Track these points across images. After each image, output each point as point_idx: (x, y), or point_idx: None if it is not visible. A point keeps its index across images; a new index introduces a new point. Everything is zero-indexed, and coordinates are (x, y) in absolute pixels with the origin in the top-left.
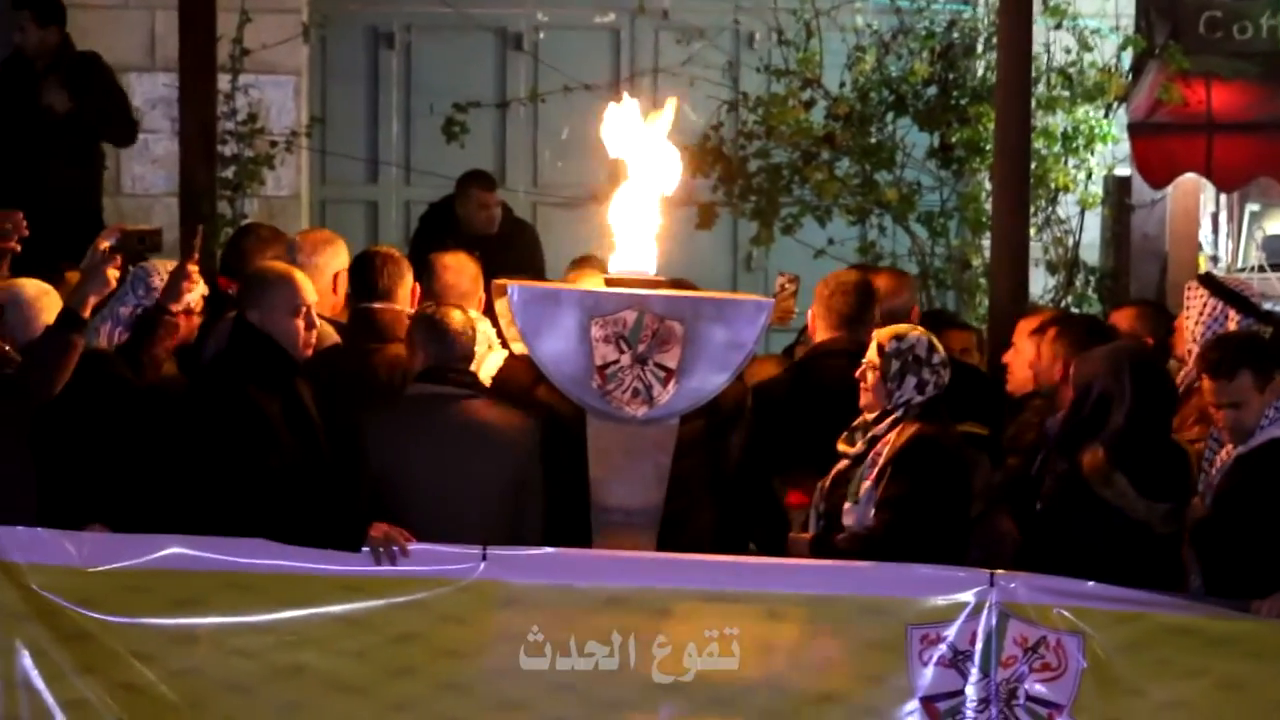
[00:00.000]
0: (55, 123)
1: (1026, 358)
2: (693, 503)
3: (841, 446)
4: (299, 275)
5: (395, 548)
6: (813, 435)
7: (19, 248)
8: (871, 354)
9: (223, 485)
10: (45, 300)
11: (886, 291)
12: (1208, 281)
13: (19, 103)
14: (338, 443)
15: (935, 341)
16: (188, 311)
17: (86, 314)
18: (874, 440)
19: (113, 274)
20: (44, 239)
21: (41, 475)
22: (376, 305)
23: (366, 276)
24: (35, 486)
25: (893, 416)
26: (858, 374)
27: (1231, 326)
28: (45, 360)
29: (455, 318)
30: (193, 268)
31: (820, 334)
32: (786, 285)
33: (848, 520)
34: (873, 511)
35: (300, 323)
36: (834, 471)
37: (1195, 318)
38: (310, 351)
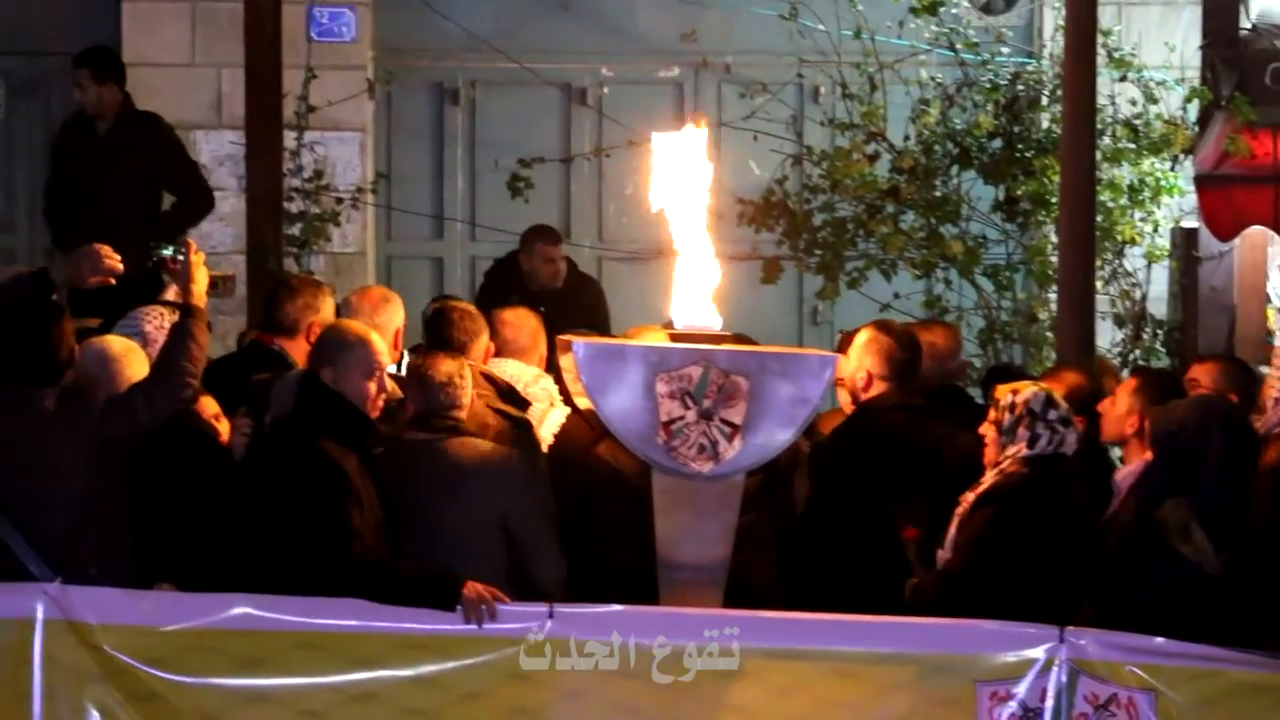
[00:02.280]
0: (118, 179)
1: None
2: (755, 556)
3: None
4: (376, 338)
5: (485, 607)
6: (869, 488)
7: (113, 280)
8: (993, 410)
9: (303, 542)
10: (131, 357)
11: (949, 348)
12: None
13: (81, 160)
14: None
15: (1055, 398)
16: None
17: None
18: None
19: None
20: (108, 298)
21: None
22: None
23: (441, 330)
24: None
25: (1000, 467)
26: (981, 429)
27: None
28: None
29: (441, 368)
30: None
31: (876, 388)
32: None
33: (940, 563)
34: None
35: (373, 385)
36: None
37: (1277, 376)
38: (378, 414)
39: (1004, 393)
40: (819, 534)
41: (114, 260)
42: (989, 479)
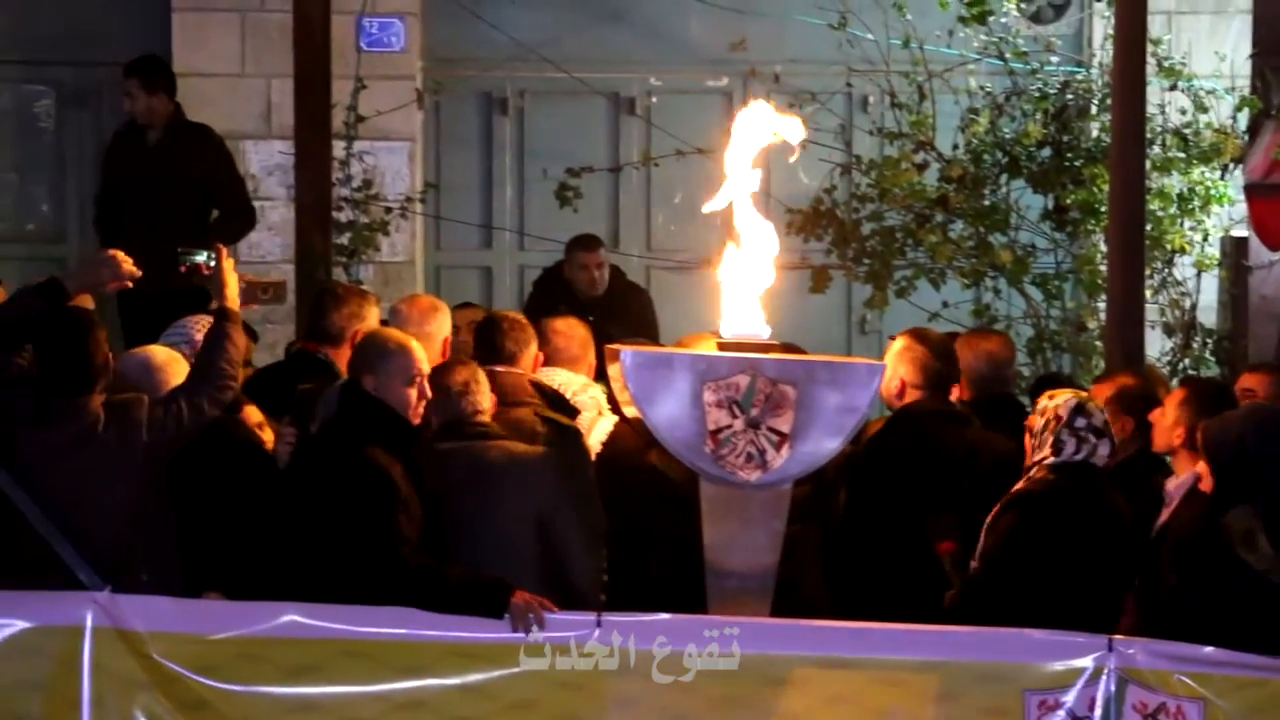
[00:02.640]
0: (168, 190)
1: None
2: (803, 566)
3: None
4: (415, 345)
5: (532, 615)
6: (904, 495)
7: (130, 284)
8: (1032, 416)
9: (352, 549)
10: (174, 367)
11: (1005, 356)
12: None
13: (132, 169)
14: None
15: (1090, 407)
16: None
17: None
18: None
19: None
20: (156, 309)
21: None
22: (499, 369)
23: (492, 339)
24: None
25: (1029, 474)
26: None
27: None
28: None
29: (456, 377)
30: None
31: (909, 395)
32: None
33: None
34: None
35: (414, 392)
36: None
37: None
38: (419, 420)
39: (1043, 400)
40: (856, 541)
41: (130, 265)
42: (1017, 486)
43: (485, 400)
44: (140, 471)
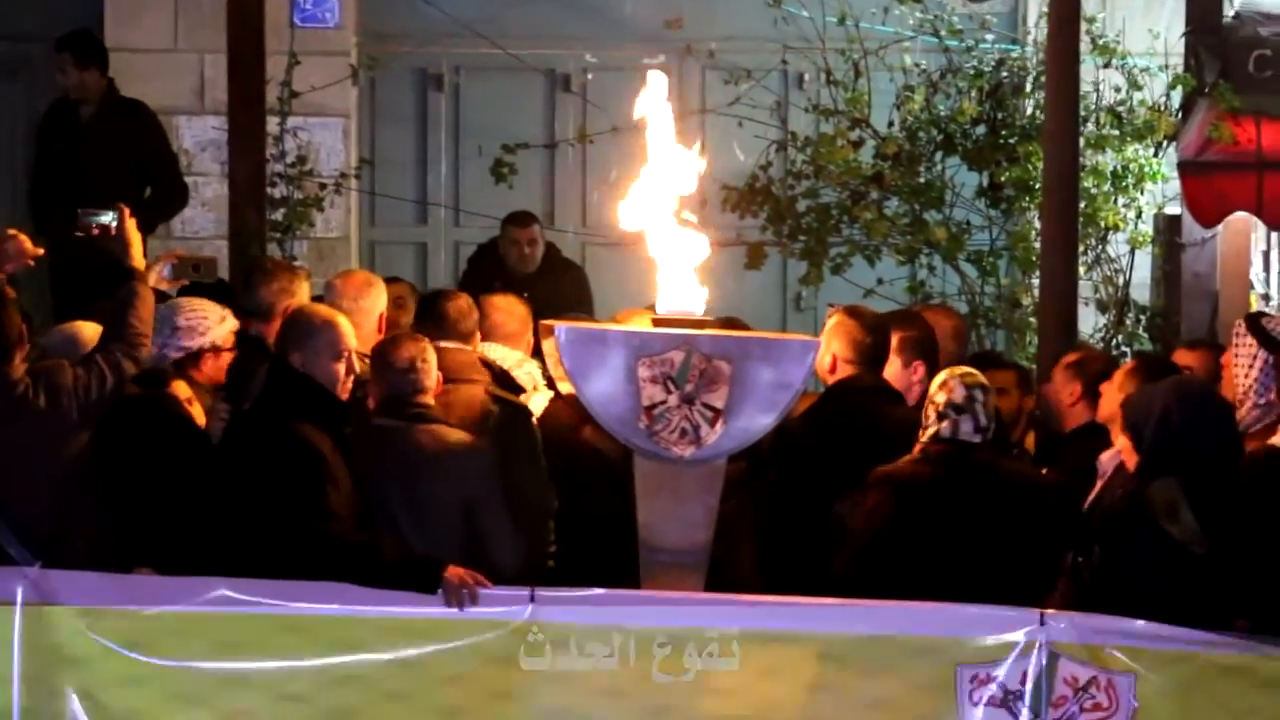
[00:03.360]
0: (102, 166)
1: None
2: (736, 543)
3: None
4: (343, 320)
5: (465, 591)
6: (833, 471)
7: (31, 263)
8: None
9: (283, 525)
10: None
11: (964, 329)
12: (1256, 330)
13: (65, 145)
14: None
15: (952, 382)
16: (215, 349)
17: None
18: None
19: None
20: (87, 282)
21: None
22: (448, 344)
23: (439, 315)
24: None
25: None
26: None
27: None
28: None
29: (402, 353)
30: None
31: (841, 371)
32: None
33: None
34: None
35: (342, 367)
36: None
37: (1245, 368)
38: (347, 396)
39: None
40: (786, 517)
41: (30, 245)
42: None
43: (430, 379)
44: (71, 437)
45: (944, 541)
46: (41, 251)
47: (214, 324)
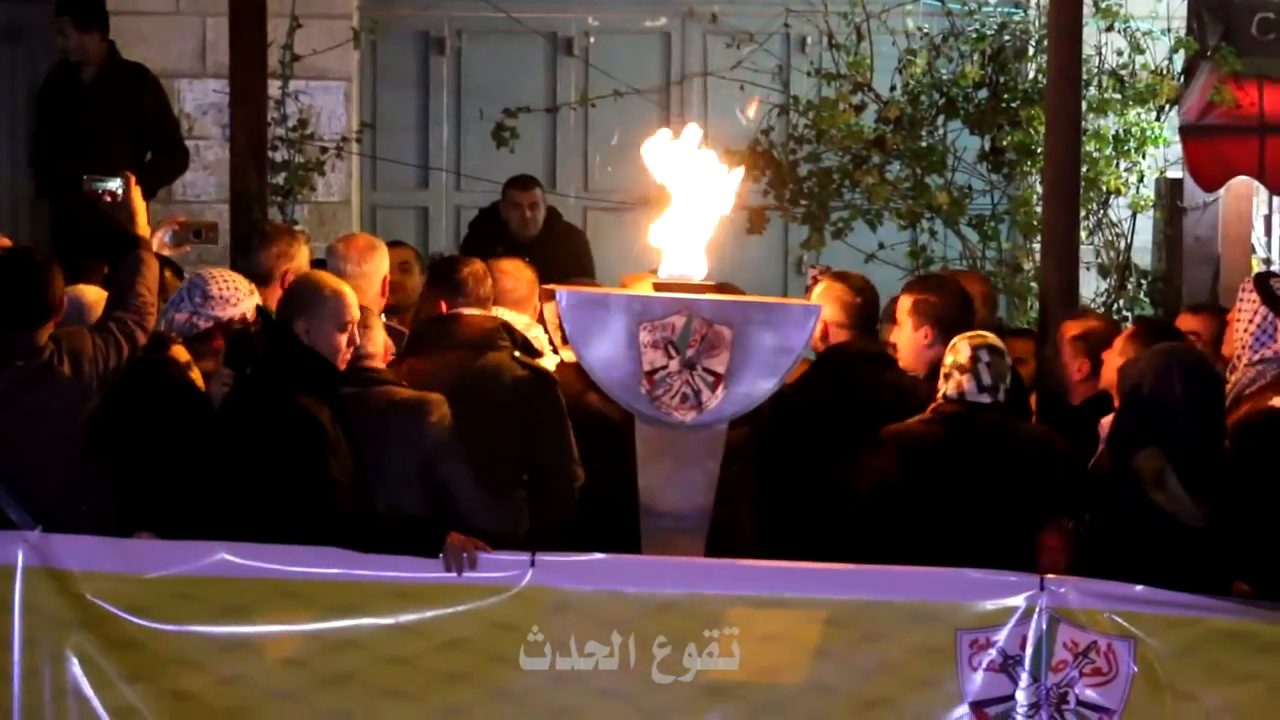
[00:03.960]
0: (103, 129)
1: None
2: (737, 510)
3: None
4: (349, 290)
5: (465, 555)
6: (830, 437)
7: None
8: None
9: (284, 494)
10: (104, 304)
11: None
12: (1262, 286)
13: (66, 108)
14: None
15: (960, 343)
16: (243, 321)
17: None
18: None
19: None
20: (90, 245)
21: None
22: (470, 311)
23: (455, 280)
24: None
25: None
26: None
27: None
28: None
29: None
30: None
31: (835, 336)
32: (819, 278)
33: None
34: None
35: (345, 338)
36: None
37: (1245, 324)
38: (344, 366)
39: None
40: (779, 482)
41: None
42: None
43: (373, 344)
44: (88, 405)
45: (951, 502)
46: (9, 242)
47: (244, 296)
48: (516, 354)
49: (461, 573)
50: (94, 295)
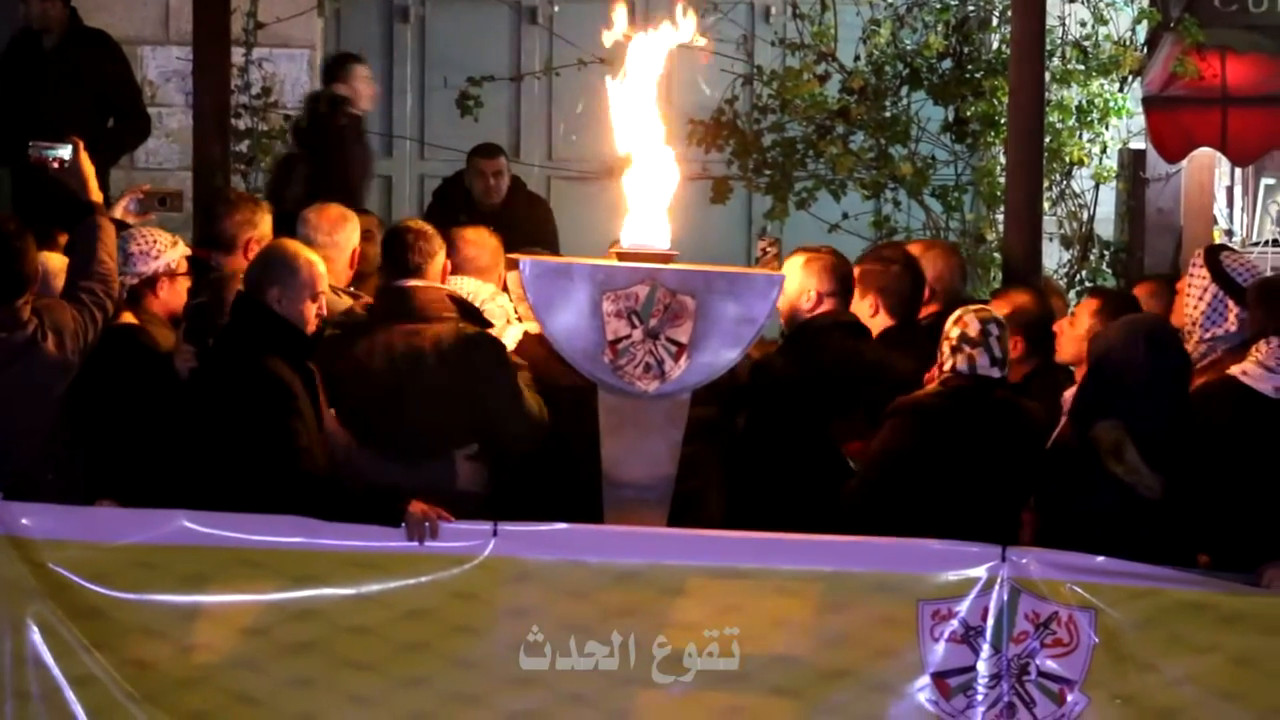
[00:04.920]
0: (64, 96)
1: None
2: (704, 485)
3: None
4: (318, 260)
5: (427, 525)
6: (810, 407)
7: None
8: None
9: (249, 460)
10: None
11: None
12: (1212, 262)
13: (27, 75)
14: None
15: (967, 317)
16: (170, 273)
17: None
18: None
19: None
20: (51, 211)
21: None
22: (414, 283)
23: (400, 252)
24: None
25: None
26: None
27: (1231, 318)
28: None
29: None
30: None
31: (825, 305)
32: (768, 249)
33: None
34: None
35: (314, 307)
36: None
37: (1195, 299)
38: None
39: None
40: (760, 452)
41: None
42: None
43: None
44: (68, 377)
45: (961, 474)
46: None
47: (166, 248)
48: (461, 324)
49: (423, 542)
50: (57, 263)
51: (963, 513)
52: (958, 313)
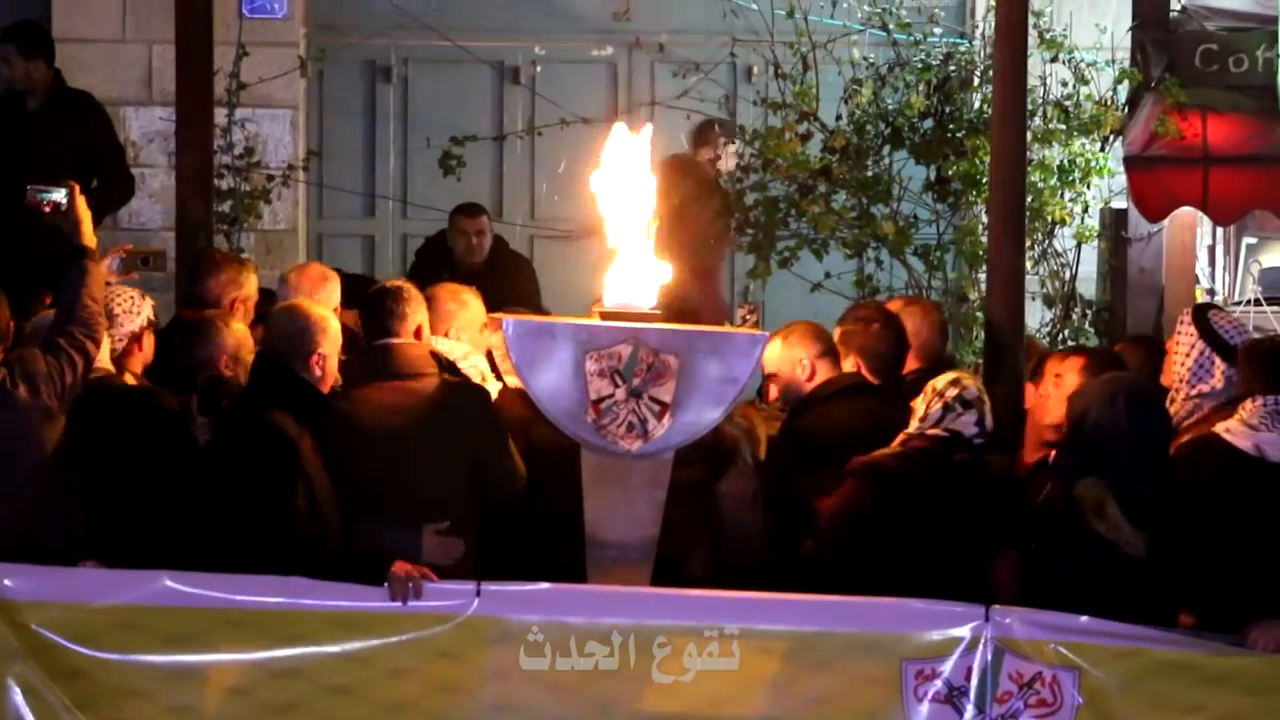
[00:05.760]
0: (48, 157)
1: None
2: (686, 548)
3: None
4: (333, 318)
5: (410, 585)
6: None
7: None
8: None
9: (241, 515)
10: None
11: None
12: (1200, 320)
13: (10, 136)
14: None
15: (965, 380)
16: (147, 328)
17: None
18: None
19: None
20: (36, 273)
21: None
22: (396, 342)
23: (380, 311)
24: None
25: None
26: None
27: (1217, 375)
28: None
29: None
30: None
31: (822, 372)
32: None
33: None
34: None
35: (333, 365)
36: None
37: (1183, 356)
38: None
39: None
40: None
41: None
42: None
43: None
44: (52, 426)
45: (916, 537)
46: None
47: (142, 305)
48: (446, 376)
49: (406, 601)
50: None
51: (924, 574)
52: (954, 375)
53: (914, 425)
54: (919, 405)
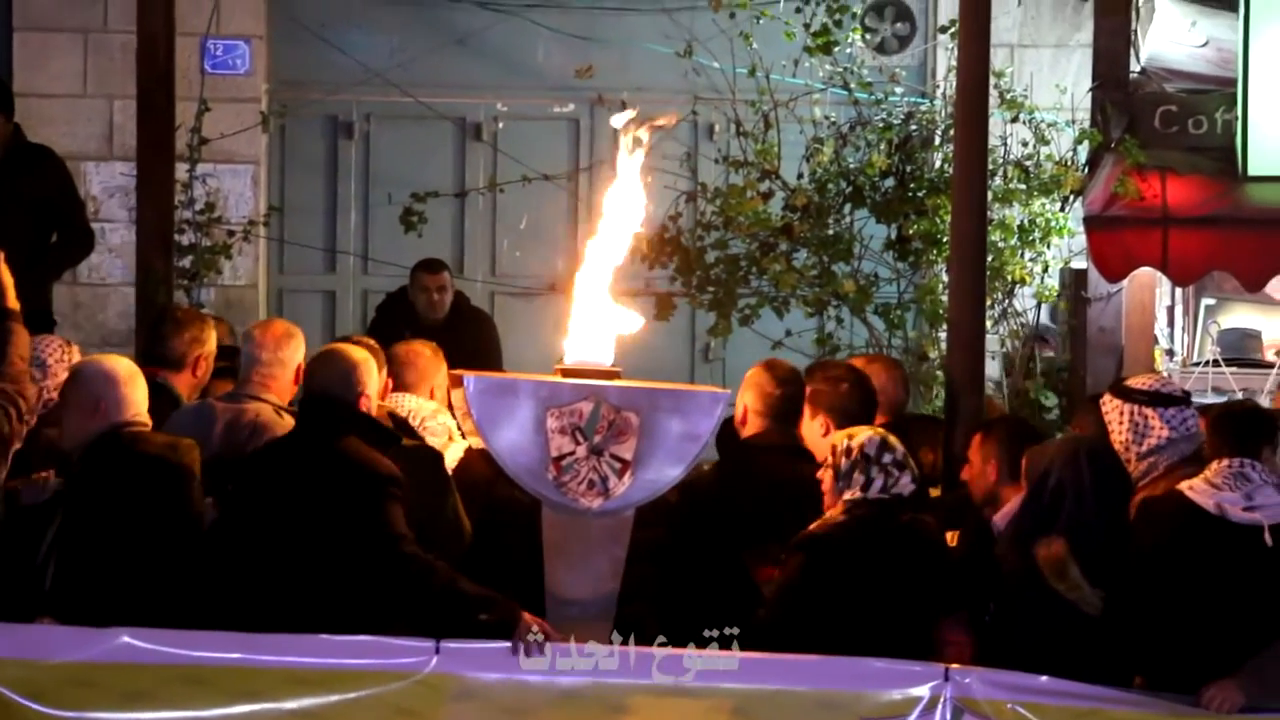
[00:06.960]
0: (7, 211)
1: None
2: (649, 608)
3: None
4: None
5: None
6: (745, 530)
7: None
8: (828, 455)
9: (353, 546)
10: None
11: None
12: (1118, 392)
13: None
14: None
15: (891, 441)
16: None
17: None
18: None
19: None
20: None
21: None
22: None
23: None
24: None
25: (829, 513)
26: (819, 474)
27: (1156, 426)
28: None
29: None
30: None
31: (752, 427)
32: None
33: None
34: None
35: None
36: None
37: (1117, 426)
38: None
39: (840, 438)
40: (691, 571)
41: None
42: (811, 526)
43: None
44: None
45: (865, 603)
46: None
47: (70, 352)
48: (404, 440)
49: (530, 655)
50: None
51: (872, 637)
52: (870, 434)
53: (854, 493)
54: (852, 472)
